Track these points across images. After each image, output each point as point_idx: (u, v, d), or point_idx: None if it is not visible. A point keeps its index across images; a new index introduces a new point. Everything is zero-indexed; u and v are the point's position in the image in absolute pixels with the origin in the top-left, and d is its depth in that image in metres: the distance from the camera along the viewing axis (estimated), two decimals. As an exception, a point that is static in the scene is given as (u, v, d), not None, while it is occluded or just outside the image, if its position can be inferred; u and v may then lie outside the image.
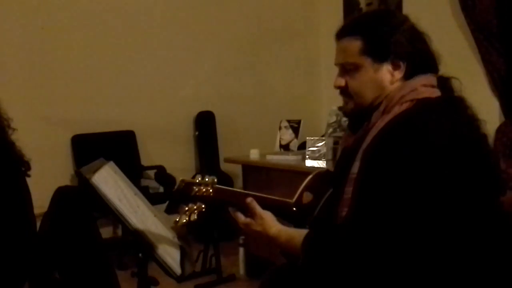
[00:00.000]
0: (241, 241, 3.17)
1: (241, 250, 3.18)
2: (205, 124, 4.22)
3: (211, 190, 1.21)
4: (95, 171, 1.21)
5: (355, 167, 1.19)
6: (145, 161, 3.93)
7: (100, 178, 1.18)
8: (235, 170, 3.89)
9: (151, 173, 3.91)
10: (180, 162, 4.10)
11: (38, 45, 3.55)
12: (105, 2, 3.79)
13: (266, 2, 4.54)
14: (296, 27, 4.70)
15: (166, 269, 1.22)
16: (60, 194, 1.81)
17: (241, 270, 3.17)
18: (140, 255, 1.39)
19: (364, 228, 1.10)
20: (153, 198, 2.48)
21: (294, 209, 1.31)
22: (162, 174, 3.75)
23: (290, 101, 4.59)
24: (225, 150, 4.21)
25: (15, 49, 3.48)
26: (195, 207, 1.18)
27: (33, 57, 3.54)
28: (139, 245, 1.32)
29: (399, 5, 4.09)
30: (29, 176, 1.77)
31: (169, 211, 1.24)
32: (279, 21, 4.59)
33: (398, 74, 1.23)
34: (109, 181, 1.25)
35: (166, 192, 3.68)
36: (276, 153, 2.98)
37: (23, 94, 3.42)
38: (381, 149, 1.14)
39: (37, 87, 3.55)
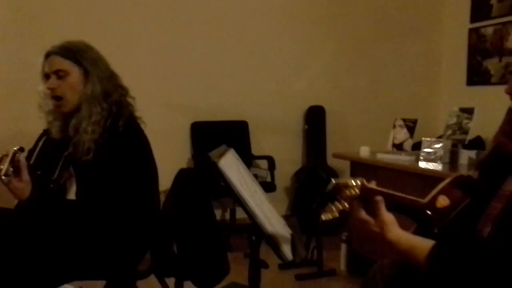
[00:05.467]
0: (344, 237, 3.17)
1: (343, 246, 3.17)
2: (315, 118, 4.26)
3: (358, 191, 1.23)
4: (220, 156, 1.31)
5: (509, 184, 1.12)
6: (255, 150, 4.08)
7: (225, 163, 1.28)
8: (342, 166, 3.87)
9: (260, 162, 4.05)
10: (288, 153, 4.19)
11: (165, 39, 3.87)
12: (224, 1, 3.98)
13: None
14: (418, 23, 4.51)
15: (279, 253, 1.28)
16: (183, 175, 1.97)
17: (342, 266, 3.17)
18: (253, 237, 1.47)
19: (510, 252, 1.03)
20: (261, 187, 2.58)
21: (427, 211, 1.25)
22: (273, 164, 3.87)
23: (405, 99, 4.44)
24: (333, 145, 4.21)
25: (145, 43, 3.83)
26: (340, 206, 1.22)
27: (160, 50, 3.87)
28: (254, 227, 1.40)
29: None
30: None
31: (318, 208, 1.28)
32: (400, 16, 4.44)
33: None
34: (232, 166, 1.34)
35: (319, 192, 3.81)
36: (388, 152, 2.91)
37: (151, 83, 3.76)
38: None
39: (162, 77, 3.88)
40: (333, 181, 1.25)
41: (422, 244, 1.15)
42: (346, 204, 1.23)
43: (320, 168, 4.11)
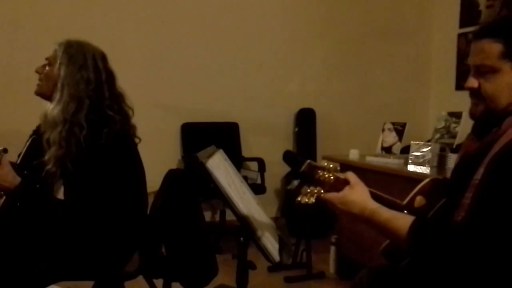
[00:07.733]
0: (333, 240, 3.18)
1: (333, 249, 3.18)
2: (305, 121, 4.27)
3: (332, 177, 1.21)
4: (209, 156, 1.32)
5: (479, 174, 1.15)
6: (245, 152, 4.08)
7: (213, 163, 1.28)
8: (332, 168, 3.88)
9: (250, 164, 4.05)
10: (278, 156, 4.14)
11: (157, 39, 3.86)
12: (216, 2, 4.00)
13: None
14: (408, 27, 4.55)
15: (266, 255, 1.28)
16: (172, 176, 1.97)
17: (331, 269, 3.18)
18: (241, 238, 1.47)
19: (482, 232, 1.08)
20: (251, 189, 2.58)
21: (405, 211, 1.27)
22: (263, 166, 3.87)
23: (395, 103, 4.47)
24: (323, 148, 4.22)
25: (137, 42, 3.82)
26: (315, 190, 1.20)
27: (151, 50, 3.86)
28: (242, 228, 1.40)
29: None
30: None
31: (295, 191, 1.26)
32: (390, 21, 4.48)
33: None
34: (220, 167, 1.35)
35: (292, 172, 3.77)
36: (377, 155, 2.93)
37: (141, 83, 3.74)
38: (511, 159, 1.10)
39: (153, 78, 3.87)
40: (308, 161, 1.23)
41: (404, 216, 1.17)
42: (321, 190, 1.21)
43: (310, 171, 4.12)
